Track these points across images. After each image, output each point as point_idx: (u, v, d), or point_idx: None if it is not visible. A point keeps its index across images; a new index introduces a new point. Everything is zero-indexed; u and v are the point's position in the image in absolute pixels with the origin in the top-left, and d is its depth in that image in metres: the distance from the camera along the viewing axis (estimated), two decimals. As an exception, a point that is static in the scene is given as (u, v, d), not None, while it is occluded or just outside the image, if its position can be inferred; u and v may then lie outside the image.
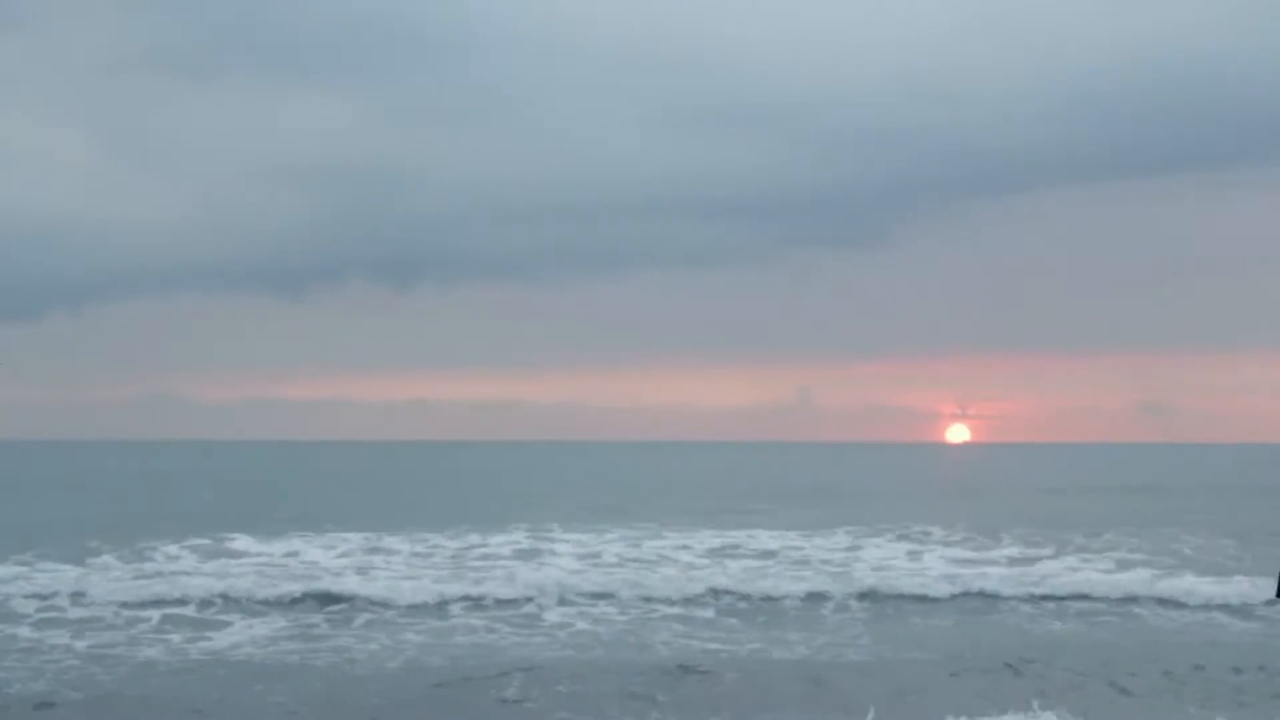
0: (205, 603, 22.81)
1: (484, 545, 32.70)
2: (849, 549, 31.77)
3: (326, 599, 23.11)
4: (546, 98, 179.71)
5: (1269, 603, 21.08)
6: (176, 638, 19.90)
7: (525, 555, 30.69)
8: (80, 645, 19.23)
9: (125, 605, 22.69)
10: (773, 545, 32.31)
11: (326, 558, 29.80)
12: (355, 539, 33.15)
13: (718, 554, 30.88)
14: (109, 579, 25.55)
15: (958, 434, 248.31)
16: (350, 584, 24.70)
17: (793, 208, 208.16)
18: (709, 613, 22.37)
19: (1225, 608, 21.74)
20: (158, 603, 22.87)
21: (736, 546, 32.43)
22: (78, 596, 23.43)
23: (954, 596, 23.91)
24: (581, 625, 20.88)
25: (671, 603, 23.00)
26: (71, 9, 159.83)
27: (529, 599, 23.27)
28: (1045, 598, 23.55)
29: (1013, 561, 29.28)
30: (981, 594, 23.80)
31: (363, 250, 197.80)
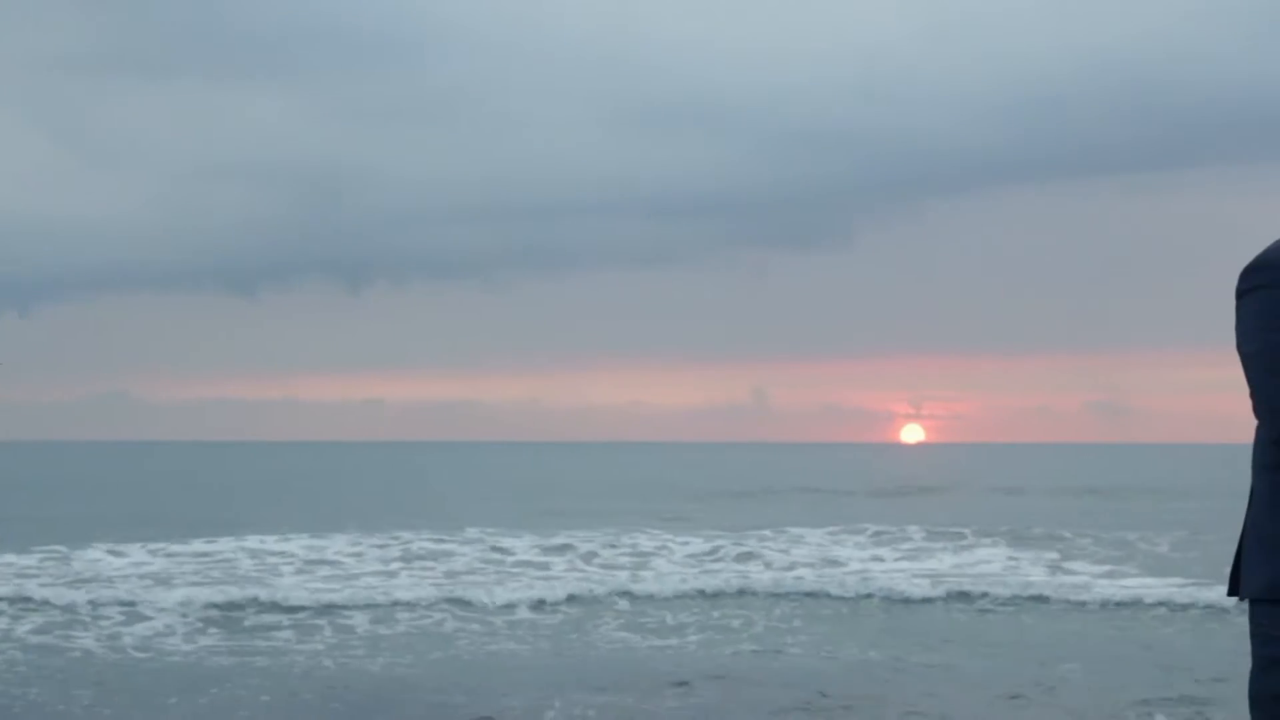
0: (125, 604, 21.95)
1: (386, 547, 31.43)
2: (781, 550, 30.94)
3: (262, 605, 22.19)
4: (500, 97, 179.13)
5: (1207, 607, 20.70)
6: (88, 638, 19.06)
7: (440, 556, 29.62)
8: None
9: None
10: (704, 548, 31.27)
11: (263, 559, 28.94)
12: (299, 540, 32.23)
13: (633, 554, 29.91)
14: (38, 583, 24.56)
15: (912, 434, 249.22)
16: (281, 586, 23.96)
17: (747, 208, 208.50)
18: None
19: (1173, 605, 21.32)
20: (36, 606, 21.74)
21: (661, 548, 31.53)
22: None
23: (863, 596, 23.24)
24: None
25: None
26: (18, 5, 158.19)
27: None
28: (959, 595, 23.04)
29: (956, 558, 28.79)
30: (903, 597, 23.15)
31: (315, 249, 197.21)
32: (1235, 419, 4.14)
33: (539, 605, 22.11)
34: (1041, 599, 22.39)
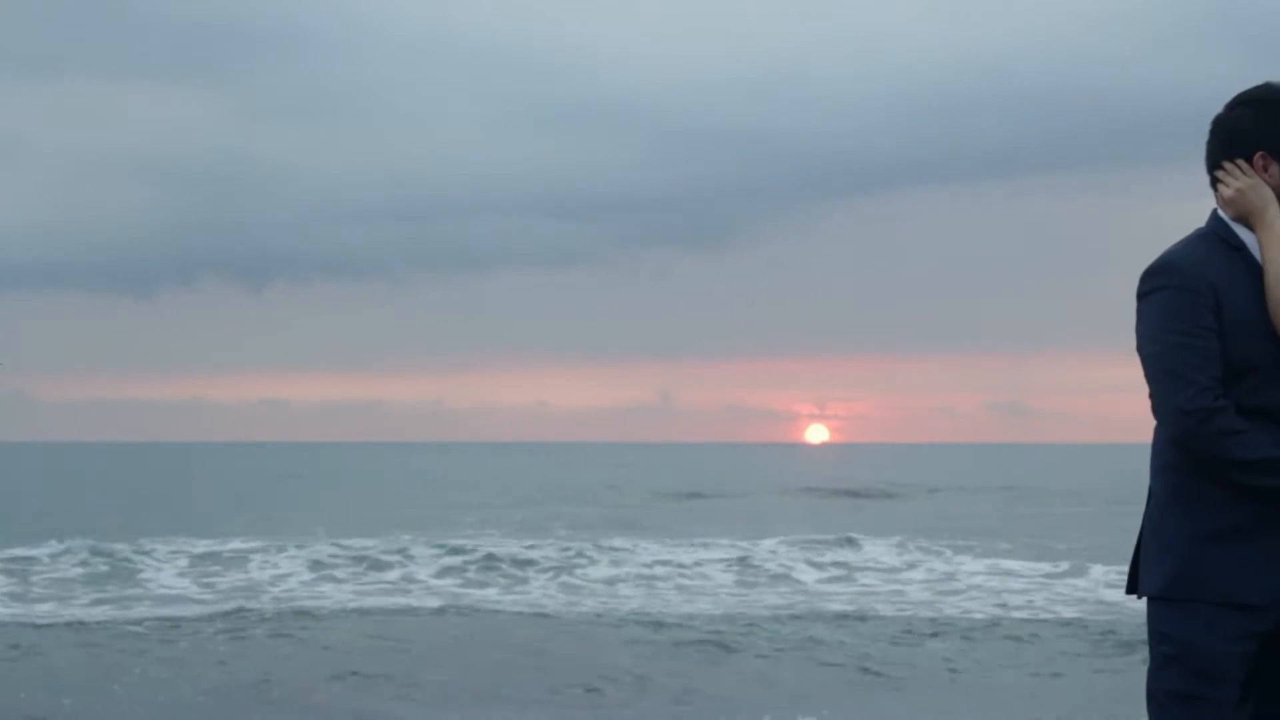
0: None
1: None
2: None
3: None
4: (403, 96, 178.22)
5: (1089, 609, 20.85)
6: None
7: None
8: None
9: None
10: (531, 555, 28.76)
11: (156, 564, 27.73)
12: (198, 544, 31.00)
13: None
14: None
15: (817, 434, 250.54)
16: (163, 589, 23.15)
17: (650, 208, 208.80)
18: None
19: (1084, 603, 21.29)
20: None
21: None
22: None
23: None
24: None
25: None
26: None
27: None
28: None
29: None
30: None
31: (215, 249, 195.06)
32: (1136, 419, 4.16)
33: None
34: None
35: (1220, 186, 4.04)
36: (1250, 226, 3.99)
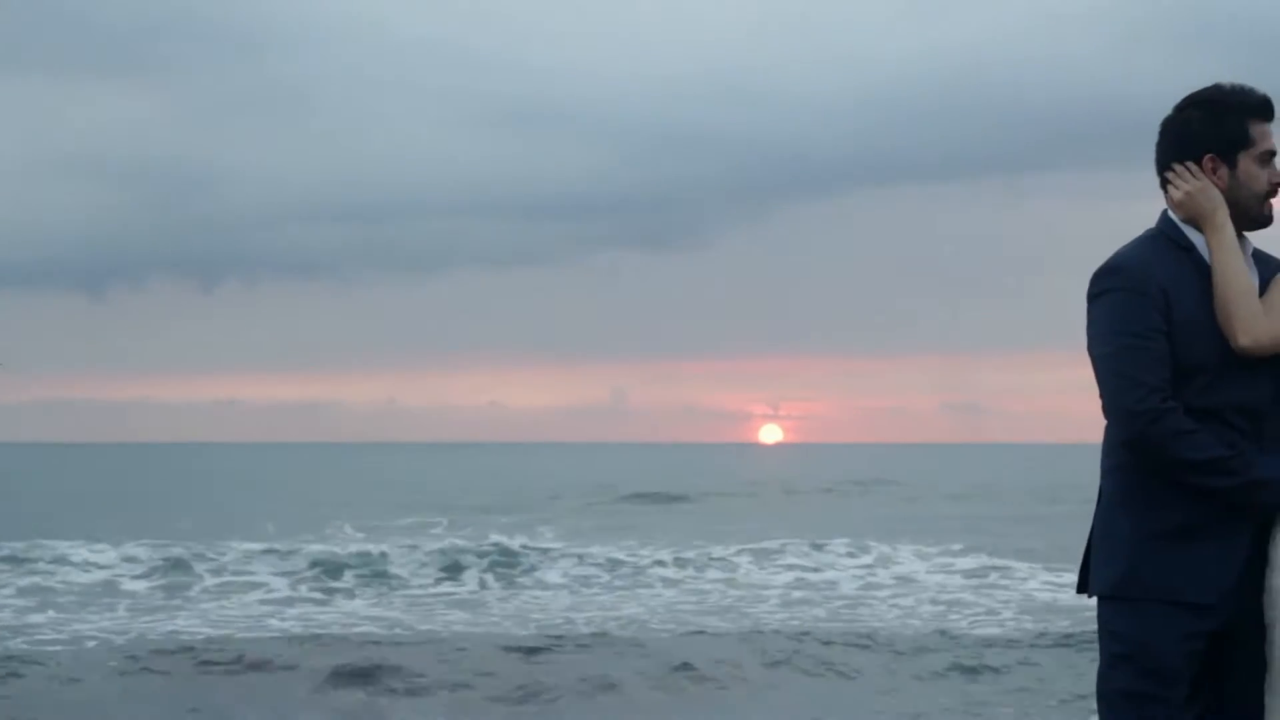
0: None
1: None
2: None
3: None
4: (354, 96, 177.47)
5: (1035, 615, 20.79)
6: None
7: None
8: None
9: None
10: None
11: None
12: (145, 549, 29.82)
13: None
14: None
15: (770, 434, 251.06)
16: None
17: (603, 209, 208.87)
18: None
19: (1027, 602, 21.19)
20: None
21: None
22: None
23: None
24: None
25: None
26: None
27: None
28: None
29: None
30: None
31: (165, 248, 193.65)
32: (1088, 420, 4.18)
33: None
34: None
35: (1170, 189, 4.06)
36: (1200, 229, 4.01)
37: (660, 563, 25.18)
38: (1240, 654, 3.98)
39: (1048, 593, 21.88)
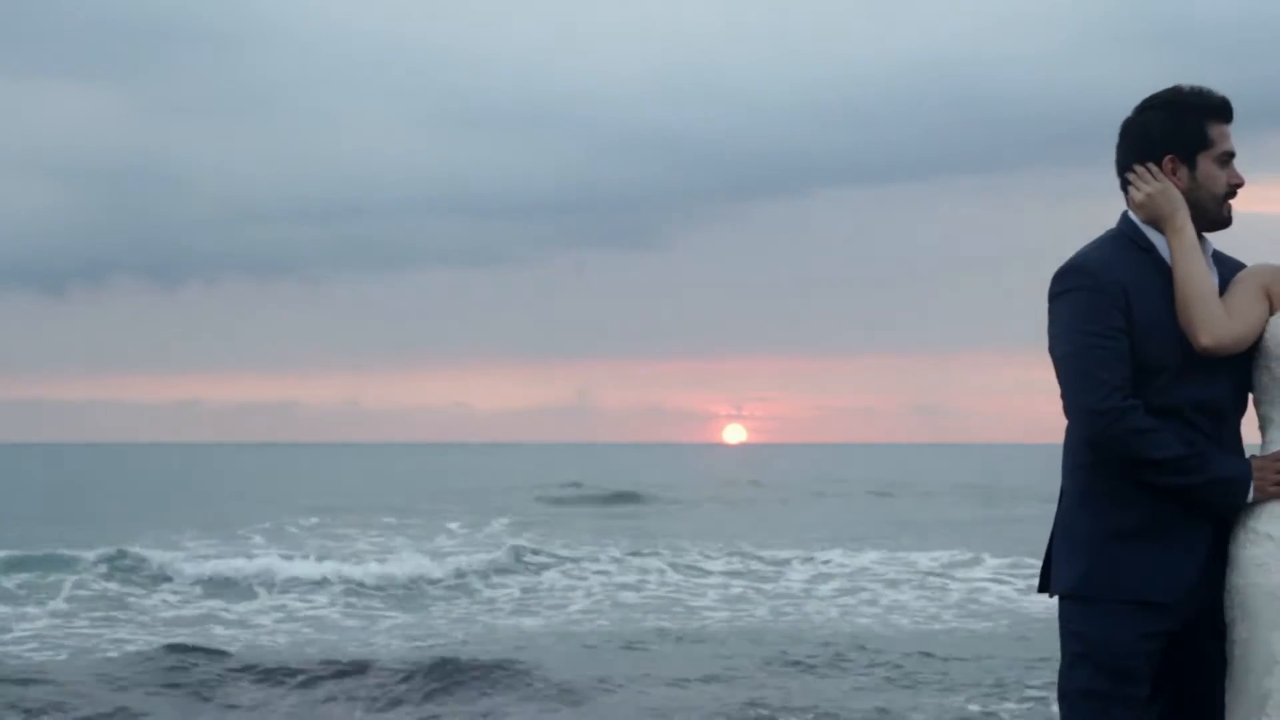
0: None
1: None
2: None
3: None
4: (317, 95, 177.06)
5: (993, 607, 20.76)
6: None
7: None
8: None
9: None
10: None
11: None
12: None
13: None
14: None
15: (734, 434, 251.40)
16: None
17: (568, 208, 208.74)
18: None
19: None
20: None
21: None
22: None
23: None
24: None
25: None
26: None
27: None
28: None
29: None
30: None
31: (127, 248, 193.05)
32: (1050, 419, 4.20)
33: None
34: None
35: (1131, 190, 4.08)
36: (1161, 230, 4.03)
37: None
38: (1200, 652, 4.01)
39: (996, 593, 21.35)
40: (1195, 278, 3.94)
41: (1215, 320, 3.91)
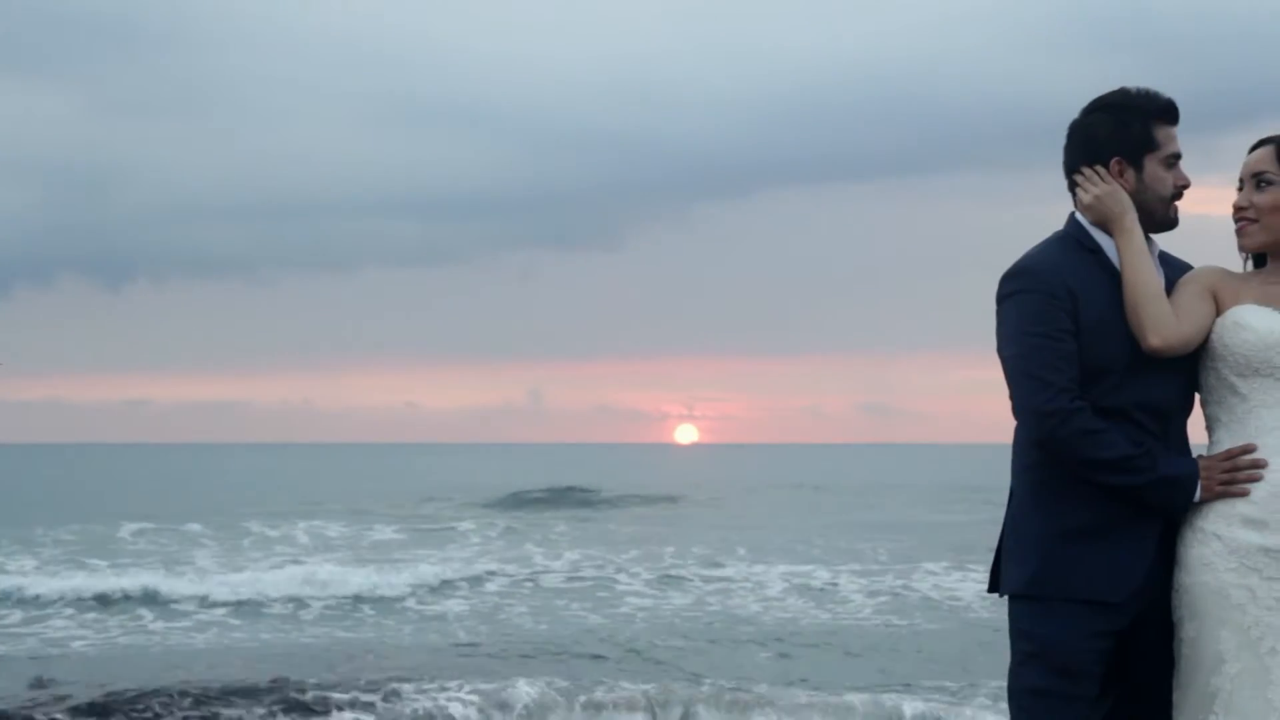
0: None
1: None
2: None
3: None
4: (265, 94, 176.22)
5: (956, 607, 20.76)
6: None
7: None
8: None
9: None
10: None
11: None
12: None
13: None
14: None
15: (686, 434, 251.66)
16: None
17: (517, 208, 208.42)
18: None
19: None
20: None
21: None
22: None
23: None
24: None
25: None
26: None
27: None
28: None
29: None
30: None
31: (72, 247, 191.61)
32: (999, 420, 4.21)
33: None
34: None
35: (1079, 192, 4.10)
36: (1109, 232, 4.05)
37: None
38: (1149, 651, 4.04)
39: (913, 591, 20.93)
40: (1144, 279, 3.96)
41: (1164, 322, 3.94)
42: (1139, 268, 3.97)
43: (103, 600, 19.98)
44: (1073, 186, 4.14)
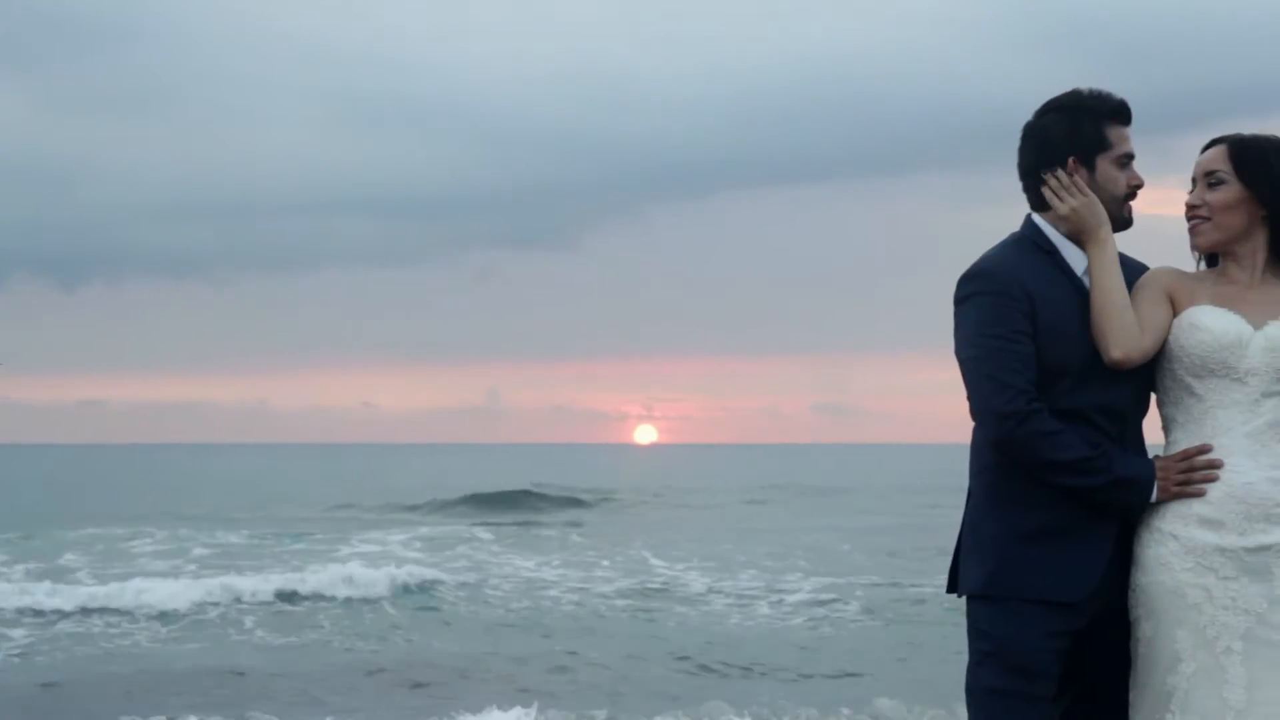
0: None
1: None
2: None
3: None
4: (220, 92, 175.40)
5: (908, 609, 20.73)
6: None
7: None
8: None
9: None
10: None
11: None
12: None
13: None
14: None
15: (645, 435, 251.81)
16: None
17: (475, 209, 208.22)
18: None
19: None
20: None
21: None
22: None
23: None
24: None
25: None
26: None
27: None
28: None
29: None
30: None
31: (25, 246, 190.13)
32: (957, 420, 4.22)
33: None
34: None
35: (1055, 203, 4.09)
36: (1083, 242, 4.06)
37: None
38: (1106, 650, 4.06)
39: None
40: (1113, 292, 3.98)
41: (1127, 335, 3.96)
42: (1110, 280, 3.99)
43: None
44: (1028, 188, 4.16)
